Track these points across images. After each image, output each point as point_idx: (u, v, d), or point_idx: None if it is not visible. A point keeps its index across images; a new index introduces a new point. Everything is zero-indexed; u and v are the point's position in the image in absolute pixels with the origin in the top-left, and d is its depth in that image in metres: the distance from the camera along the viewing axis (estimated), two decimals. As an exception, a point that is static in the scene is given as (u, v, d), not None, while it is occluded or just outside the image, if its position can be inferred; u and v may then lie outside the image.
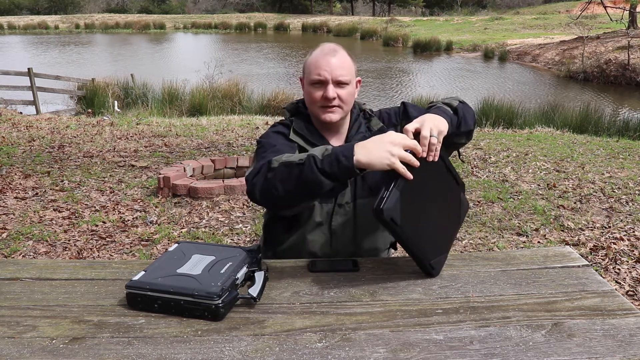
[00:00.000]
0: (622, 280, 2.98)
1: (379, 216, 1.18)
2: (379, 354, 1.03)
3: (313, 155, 1.21)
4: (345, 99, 1.51)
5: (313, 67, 1.50)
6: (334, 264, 1.43)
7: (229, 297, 1.16)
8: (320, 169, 1.19)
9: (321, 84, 1.49)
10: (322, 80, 1.48)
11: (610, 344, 1.06)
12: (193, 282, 1.19)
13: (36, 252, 3.40)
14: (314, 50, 1.56)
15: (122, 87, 11.78)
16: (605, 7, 17.52)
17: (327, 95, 1.48)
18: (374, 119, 1.63)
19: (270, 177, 1.25)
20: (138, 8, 60.45)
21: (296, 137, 1.54)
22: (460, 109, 1.47)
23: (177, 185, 4.38)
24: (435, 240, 1.33)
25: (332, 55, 1.50)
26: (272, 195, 1.25)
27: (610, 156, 5.87)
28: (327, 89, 1.48)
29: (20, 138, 6.69)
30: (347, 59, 1.53)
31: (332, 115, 1.52)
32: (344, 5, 62.71)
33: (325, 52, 1.51)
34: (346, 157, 1.18)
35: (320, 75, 1.48)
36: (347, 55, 1.54)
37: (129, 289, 1.20)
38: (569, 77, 17.20)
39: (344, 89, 1.50)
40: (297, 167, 1.21)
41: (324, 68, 1.48)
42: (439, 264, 1.34)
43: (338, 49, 1.53)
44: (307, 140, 1.54)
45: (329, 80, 1.48)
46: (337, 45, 1.55)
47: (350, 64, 1.53)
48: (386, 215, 1.17)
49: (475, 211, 4.12)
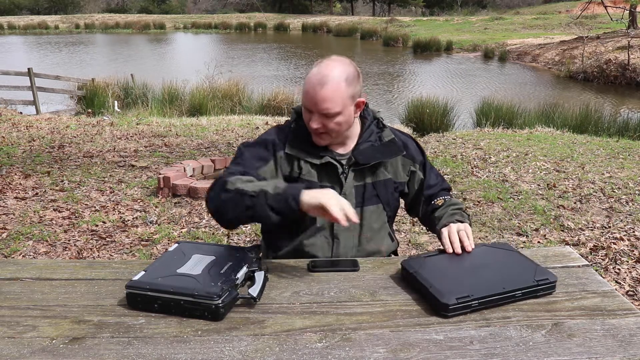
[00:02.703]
0: (622, 280, 2.98)
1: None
2: (379, 354, 1.03)
3: (265, 191, 1.32)
4: (332, 129, 1.47)
5: (304, 90, 1.45)
6: (334, 264, 1.43)
7: (229, 297, 1.16)
8: (269, 205, 1.31)
9: (309, 111, 1.47)
10: (308, 109, 1.47)
11: (610, 344, 1.06)
12: (193, 282, 1.19)
13: (36, 252, 3.40)
14: (317, 64, 1.46)
15: (122, 87, 11.76)
16: (605, 6, 17.51)
17: (310, 124, 1.47)
18: (387, 130, 1.61)
19: (224, 199, 1.36)
20: (138, 8, 60.44)
21: (295, 151, 1.53)
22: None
23: (177, 185, 4.38)
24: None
25: (320, 86, 1.41)
26: (223, 217, 1.40)
27: (610, 156, 5.86)
28: (312, 119, 1.46)
29: (20, 138, 6.69)
30: (339, 88, 1.42)
31: (320, 141, 1.52)
32: (344, 5, 62.71)
33: (314, 82, 1.42)
34: (295, 200, 1.29)
35: (305, 104, 1.46)
36: (341, 82, 1.42)
37: (129, 289, 1.20)
38: (569, 77, 17.19)
39: (331, 120, 1.45)
40: (249, 198, 1.33)
41: (310, 99, 1.43)
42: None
43: (329, 78, 1.41)
44: (307, 152, 1.54)
45: (314, 112, 1.45)
46: (336, 72, 1.43)
47: (342, 93, 1.43)
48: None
49: (475, 211, 4.12)
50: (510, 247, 1.42)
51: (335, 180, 1.54)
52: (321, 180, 1.54)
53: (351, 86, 1.45)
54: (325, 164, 1.53)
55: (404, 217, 4.00)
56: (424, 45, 25.87)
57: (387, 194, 1.59)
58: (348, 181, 1.54)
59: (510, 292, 1.21)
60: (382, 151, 1.57)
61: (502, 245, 1.43)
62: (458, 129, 8.56)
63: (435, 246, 3.47)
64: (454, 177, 5.00)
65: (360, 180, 1.56)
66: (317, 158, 1.53)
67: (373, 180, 1.57)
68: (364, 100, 1.53)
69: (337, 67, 1.44)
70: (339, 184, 1.54)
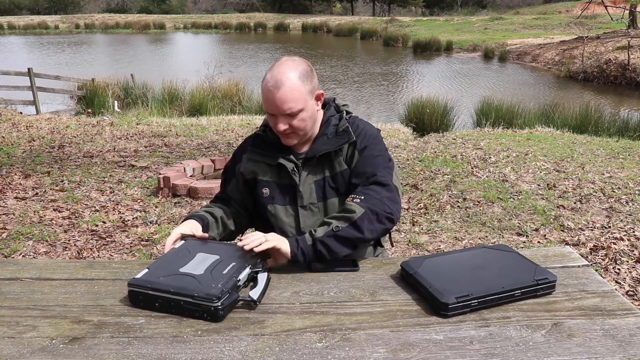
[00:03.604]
0: (622, 280, 2.98)
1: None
2: (379, 354, 1.03)
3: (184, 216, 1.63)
4: (298, 126, 1.51)
5: (263, 97, 1.49)
6: (334, 263, 1.43)
7: (228, 300, 1.16)
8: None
9: (273, 115, 1.50)
10: (271, 113, 1.50)
11: (610, 344, 1.06)
12: (194, 282, 1.18)
13: (36, 252, 3.40)
14: (269, 70, 1.49)
15: (122, 87, 11.76)
16: (605, 6, 17.50)
17: (277, 128, 1.51)
18: (343, 120, 1.60)
19: None
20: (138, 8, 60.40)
21: (254, 155, 1.63)
22: (323, 251, 1.40)
23: (177, 185, 4.38)
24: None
25: (276, 90, 1.44)
26: None
27: (610, 156, 5.86)
28: (277, 122, 1.49)
29: (20, 138, 6.69)
30: (296, 87, 1.45)
31: (290, 141, 1.56)
32: (344, 5, 62.69)
33: (270, 87, 1.46)
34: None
35: (268, 109, 1.50)
36: (296, 80, 1.46)
37: (131, 287, 1.20)
38: (569, 77, 17.18)
39: (295, 118, 1.48)
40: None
41: (270, 103, 1.47)
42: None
43: (285, 81, 1.44)
44: (265, 155, 1.61)
45: (278, 114, 1.48)
46: (288, 73, 1.46)
47: (300, 90, 1.46)
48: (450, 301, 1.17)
49: (475, 211, 4.12)
50: (510, 249, 1.42)
51: (290, 179, 1.58)
52: (279, 180, 1.60)
53: (306, 82, 1.49)
54: (279, 164, 1.58)
55: (404, 217, 4.00)
56: (424, 45, 25.85)
57: (345, 185, 1.58)
58: (303, 178, 1.57)
59: (510, 291, 1.21)
60: (332, 142, 1.57)
61: (501, 246, 1.43)
62: (458, 129, 8.56)
63: (436, 246, 3.47)
64: (454, 177, 5.00)
65: (319, 174, 1.58)
66: (272, 160, 1.59)
67: (331, 172, 1.58)
68: (322, 92, 1.57)
69: (289, 68, 1.48)
70: (293, 182, 1.58)
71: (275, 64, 1.50)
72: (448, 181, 4.90)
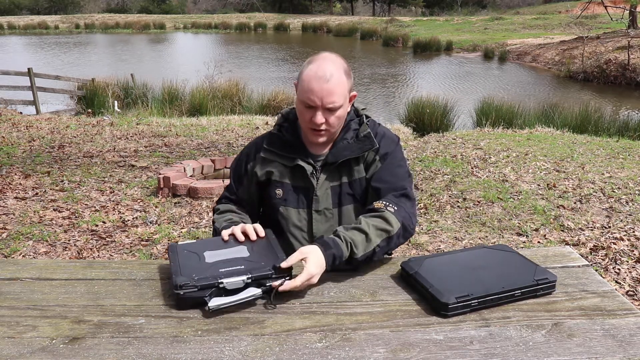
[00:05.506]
0: (622, 280, 2.98)
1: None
2: (379, 354, 1.03)
3: (215, 227, 1.56)
4: (333, 123, 1.48)
5: (306, 87, 1.44)
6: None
7: (191, 294, 1.18)
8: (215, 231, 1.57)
9: (311, 107, 1.46)
10: (312, 105, 1.45)
11: (610, 344, 1.06)
12: (196, 267, 1.25)
13: (36, 252, 3.40)
14: (311, 61, 1.47)
15: (122, 87, 11.77)
16: (605, 6, 17.49)
17: (315, 120, 1.46)
18: (364, 125, 1.57)
19: (213, 221, 1.63)
20: (138, 8, 60.39)
21: (269, 155, 1.58)
22: (361, 260, 1.36)
23: (177, 185, 4.38)
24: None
25: (326, 81, 1.42)
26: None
27: (610, 156, 5.86)
28: (316, 114, 1.45)
29: (20, 138, 6.69)
30: (342, 82, 1.45)
31: (319, 138, 1.52)
32: (344, 5, 62.70)
33: (320, 75, 1.42)
34: (216, 231, 1.53)
35: (310, 100, 1.44)
36: (342, 76, 1.45)
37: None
38: (569, 77, 17.19)
39: (333, 114, 1.46)
40: (214, 231, 1.58)
41: (316, 94, 1.42)
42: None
43: (334, 73, 1.43)
44: (281, 155, 1.56)
45: (319, 107, 1.44)
46: (334, 66, 1.45)
47: (344, 86, 1.46)
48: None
49: (475, 211, 4.12)
50: (510, 249, 1.42)
51: (307, 182, 1.55)
52: (294, 182, 1.56)
53: (349, 79, 1.49)
54: (296, 166, 1.54)
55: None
56: (424, 45, 25.86)
57: (362, 192, 1.56)
58: (320, 182, 1.54)
59: (510, 291, 1.21)
60: (353, 148, 1.54)
61: (501, 246, 1.43)
62: (458, 129, 8.56)
63: (436, 246, 3.47)
64: (454, 177, 5.00)
65: (336, 180, 1.56)
66: (289, 161, 1.55)
67: (349, 179, 1.56)
68: (356, 93, 1.56)
69: (335, 62, 1.46)
70: (310, 185, 1.55)
71: (317, 56, 1.48)
72: (448, 181, 4.89)
